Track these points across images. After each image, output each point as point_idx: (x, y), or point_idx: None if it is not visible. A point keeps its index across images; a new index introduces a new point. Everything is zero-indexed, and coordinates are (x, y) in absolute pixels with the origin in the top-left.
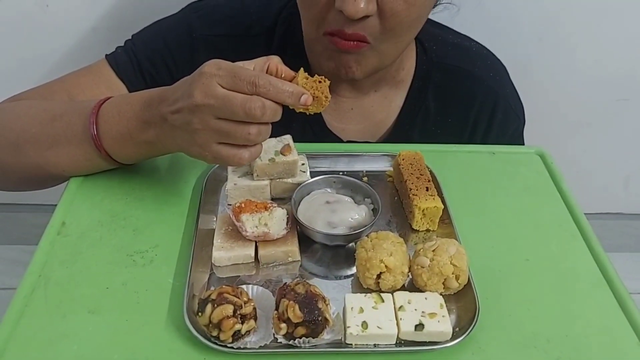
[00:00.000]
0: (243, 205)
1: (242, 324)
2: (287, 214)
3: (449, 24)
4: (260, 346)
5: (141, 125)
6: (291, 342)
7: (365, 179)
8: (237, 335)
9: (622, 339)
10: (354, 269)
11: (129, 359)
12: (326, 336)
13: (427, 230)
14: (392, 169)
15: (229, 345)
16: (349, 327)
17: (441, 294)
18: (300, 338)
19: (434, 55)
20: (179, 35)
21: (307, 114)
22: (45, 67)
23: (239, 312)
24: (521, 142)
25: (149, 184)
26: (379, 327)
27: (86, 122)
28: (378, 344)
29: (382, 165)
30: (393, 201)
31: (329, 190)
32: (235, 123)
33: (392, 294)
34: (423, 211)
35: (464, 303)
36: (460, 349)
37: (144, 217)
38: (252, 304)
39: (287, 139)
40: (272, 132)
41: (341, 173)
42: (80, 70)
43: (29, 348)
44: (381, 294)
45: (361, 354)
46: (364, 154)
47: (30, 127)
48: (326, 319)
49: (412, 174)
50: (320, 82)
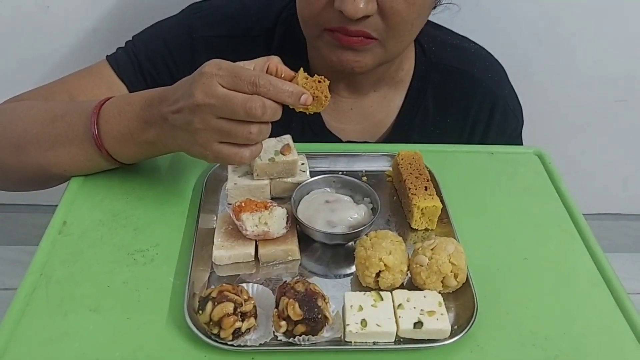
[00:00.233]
0: (243, 205)
1: (243, 321)
2: (287, 213)
3: (448, 24)
4: (260, 344)
5: (142, 125)
6: (291, 340)
7: (365, 178)
8: (237, 333)
9: (620, 337)
10: (353, 268)
11: (130, 356)
12: (326, 334)
13: (426, 229)
14: (391, 169)
15: (229, 342)
16: (348, 325)
17: (440, 292)
18: (300, 336)
19: (432, 56)
20: (180, 36)
21: (307, 113)
22: (46, 68)
23: (239, 310)
24: (519, 142)
25: (149, 184)
26: (378, 325)
27: (87, 122)
28: (377, 342)
29: (382, 165)
30: (392, 200)
31: (328, 189)
32: (236, 122)
33: (391, 292)
34: (422, 210)
35: (462, 301)
36: (459, 346)
37: (144, 216)
38: (252, 302)
39: (287, 138)
40: (271, 132)
41: (341, 173)
42: (80, 71)
43: (31, 346)
44: (380, 292)
45: (360, 352)
46: (364, 153)
47: (31, 127)
48: (326, 317)
49: (411, 173)
50: (319, 82)
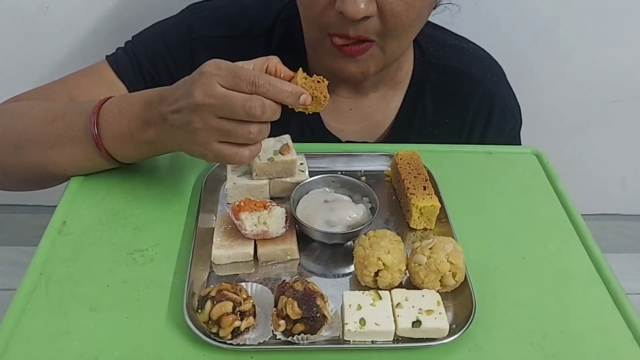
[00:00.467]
0: (242, 204)
1: (242, 320)
2: (286, 213)
3: (447, 25)
4: (259, 343)
5: (141, 125)
6: (290, 339)
7: (364, 178)
8: (236, 332)
9: (617, 335)
10: (352, 267)
11: (129, 355)
12: (324, 333)
13: (425, 229)
14: (390, 169)
15: (228, 341)
16: (347, 324)
17: (438, 291)
18: (299, 335)
19: (431, 56)
20: (179, 36)
21: (306, 113)
22: (46, 69)
23: (238, 309)
24: (518, 142)
25: (149, 184)
26: (376, 324)
27: (87, 121)
28: (376, 341)
29: (380, 165)
30: (391, 200)
31: (327, 189)
32: (235, 122)
33: (390, 292)
34: (420, 210)
35: (460, 300)
36: (457, 345)
37: (144, 216)
38: (251, 301)
39: (286, 138)
40: (270, 131)
41: (340, 172)
42: (80, 71)
43: (31, 345)
44: (379, 291)
45: (359, 351)
46: (362, 153)
47: (31, 127)
48: (324, 316)
49: (409, 173)
50: (319, 82)
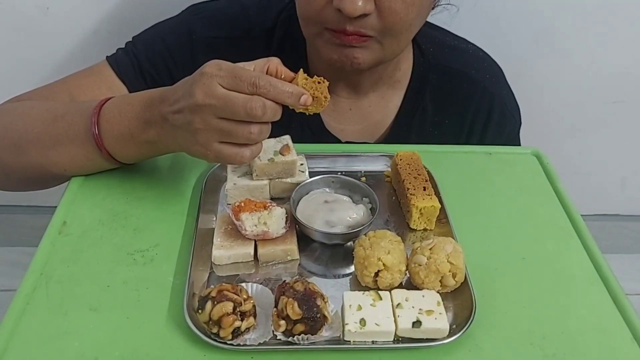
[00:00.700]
0: (242, 205)
1: (242, 321)
2: (286, 213)
3: (446, 26)
4: (260, 343)
5: (142, 125)
6: (290, 339)
7: (364, 179)
8: (236, 332)
9: (617, 335)
10: (352, 268)
11: (129, 356)
12: (325, 333)
13: (425, 229)
14: (389, 169)
15: (229, 342)
16: (347, 324)
17: (438, 291)
18: (299, 335)
19: (431, 57)
20: (179, 37)
21: (307, 114)
22: (46, 69)
23: (238, 310)
24: (517, 142)
25: (149, 184)
26: (377, 324)
27: (88, 122)
28: (376, 341)
29: (380, 166)
30: (391, 201)
31: (327, 189)
32: (236, 122)
33: (390, 292)
34: (420, 210)
35: (460, 301)
36: (457, 345)
37: (144, 216)
38: (251, 301)
39: (286, 139)
40: (270, 132)
41: (340, 173)
42: (81, 71)
43: (31, 345)
44: (379, 291)
45: (359, 351)
46: (362, 154)
47: (32, 127)
48: (325, 316)
49: (409, 173)
50: (319, 83)
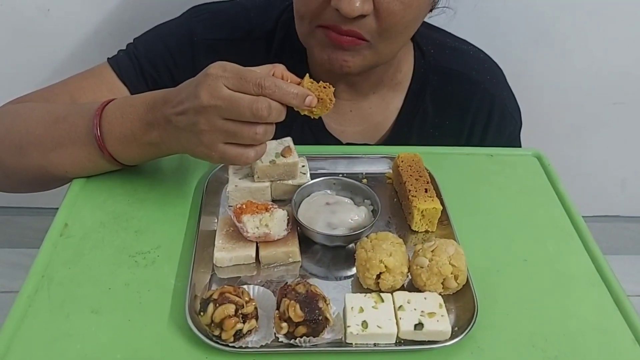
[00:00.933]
0: (244, 207)
1: (244, 323)
2: (288, 215)
3: (446, 27)
4: (262, 345)
5: (145, 127)
6: (292, 342)
7: (365, 180)
8: (238, 335)
9: (619, 337)
10: (353, 270)
11: (131, 358)
12: (327, 335)
13: (426, 231)
14: (391, 171)
15: (231, 344)
16: (349, 327)
17: (440, 293)
18: (301, 337)
19: (431, 58)
20: (180, 39)
21: (312, 117)
22: (47, 71)
23: (240, 312)
24: (518, 144)
25: (151, 186)
26: (378, 327)
27: (90, 123)
28: (378, 343)
29: (382, 168)
30: (392, 203)
31: (329, 191)
32: (242, 123)
33: (392, 294)
34: (422, 212)
35: (462, 303)
36: (459, 348)
37: (146, 218)
38: (253, 303)
39: (288, 141)
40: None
41: (341, 175)
42: (82, 73)
43: (33, 347)
44: (381, 294)
45: (361, 353)
46: (364, 156)
47: (33, 129)
48: (327, 319)
49: (411, 175)
50: (325, 88)
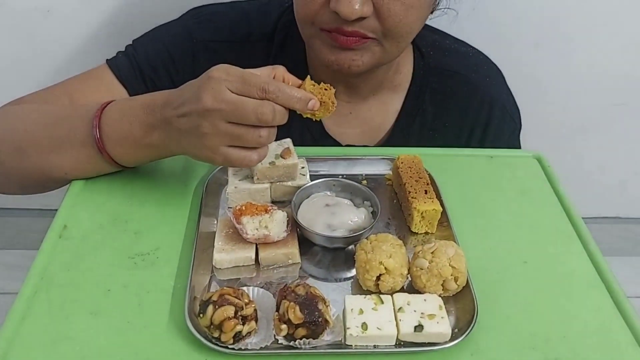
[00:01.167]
0: (244, 208)
1: (243, 325)
2: (287, 217)
3: (447, 29)
4: (261, 347)
5: (145, 129)
6: (292, 343)
7: (365, 182)
8: (238, 337)
9: (619, 339)
10: (353, 271)
11: None
12: (326, 337)
13: (426, 232)
14: (391, 173)
15: (230, 346)
16: (349, 328)
17: (440, 295)
18: (301, 339)
19: (431, 60)
20: (180, 40)
21: (313, 119)
22: (47, 72)
23: (240, 314)
24: (517, 145)
25: (150, 187)
26: (378, 329)
27: (89, 125)
28: (378, 345)
29: (381, 169)
30: (392, 204)
31: (328, 193)
32: (246, 127)
33: (392, 296)
34: (422, 214)
35: (462, 304)
36: (459, 349)
37: (145, 220)
38: (253, 305)
39: (287, 142)
40: None
41: (341, 176)
42: (81, 74)
43: (32, 349)
44: (381, 295)
45: (361, 355)
46: (363, 157)
47: (32, 130)
48: (326, 320)
49: (411, 177)
50: (326, 90)
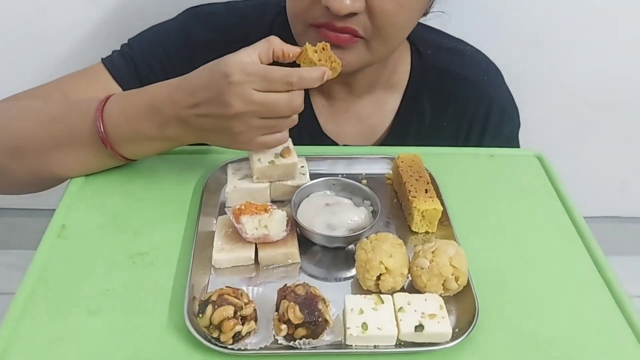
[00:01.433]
0: (243, 208)
1: (243, 325)
2: (287, 216)
3: (445, 28)
4: (261, 347)
5: (157, 127)
6: (291, 344)
7: (365, 181)
8: (237, 337)
9: (621, 339)
10: (353, 271)
11: None
12: (326, 337)
13: (427, 232)
14: (391, 172)
15: (230, 346)
16: (349, 329)
17: (441, 295)
18: (301, 339)
19: (428, 59)
20: (176, 40)
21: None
22: (43, 71)
23: (239, 314)
24: (516, 144)
25: (149, 187)
26: (379, 329)
27: (91, 123)
28: (378, 345)
29: (381, 168)
30: (392, 203)
31: (328, 192)
32: (279, 117)
33: (392, 296)
34: (422, 213)
35: (463, 304)
36: (460, 350)
37: (144, 219)
38: (252, 305)
39: (287, 141)
40: None
41: (340, 176)
42: (76, 72)
43: (30, 349)
44: (381, 295)
45: (361, 355)
46: (363, 156)
47: (29, 129)
48: (326, 320)
49: (411, 176)
50: (324, 49)
